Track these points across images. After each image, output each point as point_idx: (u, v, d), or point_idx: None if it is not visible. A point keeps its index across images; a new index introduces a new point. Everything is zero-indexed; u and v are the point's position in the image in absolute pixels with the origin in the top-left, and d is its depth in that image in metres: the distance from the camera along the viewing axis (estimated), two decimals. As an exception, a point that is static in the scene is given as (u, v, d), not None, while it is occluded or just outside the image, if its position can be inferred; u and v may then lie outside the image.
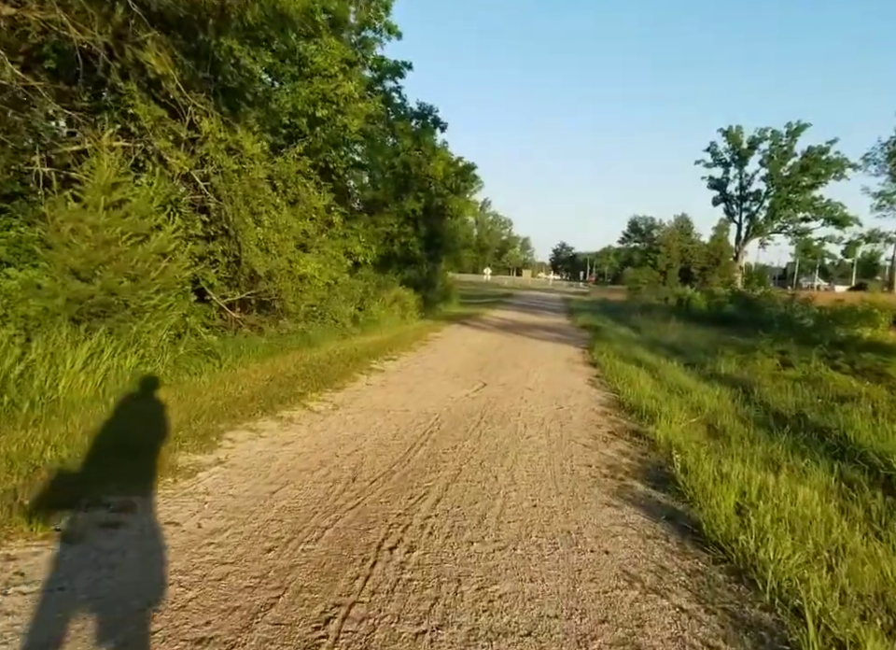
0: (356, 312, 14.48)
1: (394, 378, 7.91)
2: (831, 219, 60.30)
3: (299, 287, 10.50)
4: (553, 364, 10.06)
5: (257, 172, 8.57)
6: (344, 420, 5.58)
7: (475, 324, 17.01)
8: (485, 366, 9.37)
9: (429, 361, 9.56)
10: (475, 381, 8.05)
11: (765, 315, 18.20)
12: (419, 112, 21.56)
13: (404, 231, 20.33)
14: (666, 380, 8.79)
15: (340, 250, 14.72)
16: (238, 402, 5.85)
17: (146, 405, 5.42)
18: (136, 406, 5.34)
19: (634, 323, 18.92)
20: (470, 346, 11.92)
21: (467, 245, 33.94)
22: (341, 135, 13.61)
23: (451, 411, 6.26)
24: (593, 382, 8.58)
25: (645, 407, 6.66)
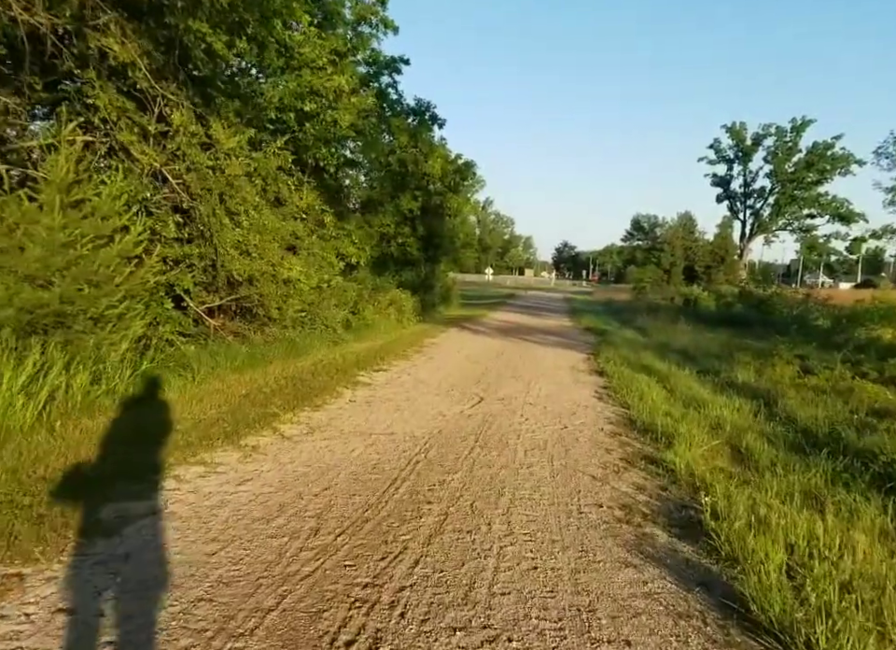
0: (348, 317, 13.80)
1: (381, 393, 7.20)
2: (837, 216, 59.45)
3: (283, 291, 9.81)
4: (556, 374, 9.35)
5: (233, 168, 7.87)
6: (318, 448, 4.87)
7: (474, 328, 16.30)
8: (483, 377, 8.66)
9: (422, 372, 8.86)
10: (471, 395, 7.34)
11: (778, 316, 17.45)
12: (416, 108, 20.86)
13: (401, 231, 19.66)
14: (680, 391, 8.08)
15: (331, 252, 14.07)
16: (200, 425, 5.16)
17: (88, 434, 4.73)
18: (75, 436, 4.63)
19: (640, 325, 18.20)
20: (468, 353, 11.21)
21: (467, 244, 33.22)
22: (331, 131, 12.92)
23: (442, 433, 5.55)
24: (600, 395, 7.86)
25: (660, 426, 5.94)
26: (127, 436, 4.63)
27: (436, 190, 21.90)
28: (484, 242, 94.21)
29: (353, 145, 14.99)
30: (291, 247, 12.41)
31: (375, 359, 9.64)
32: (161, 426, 5.02)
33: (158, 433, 4.80)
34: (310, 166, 14.26)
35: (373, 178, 21.29)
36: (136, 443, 4.50)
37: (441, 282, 24.55)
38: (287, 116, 11.84)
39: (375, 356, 9.92)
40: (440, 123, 21.52)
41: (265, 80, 12.56)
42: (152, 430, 4.86)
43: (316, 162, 13.30)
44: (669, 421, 6.17)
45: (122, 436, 4.63)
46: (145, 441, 4.57)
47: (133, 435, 4.67)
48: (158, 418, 5.27)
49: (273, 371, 8.11)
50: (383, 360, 9.62)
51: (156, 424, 5.07)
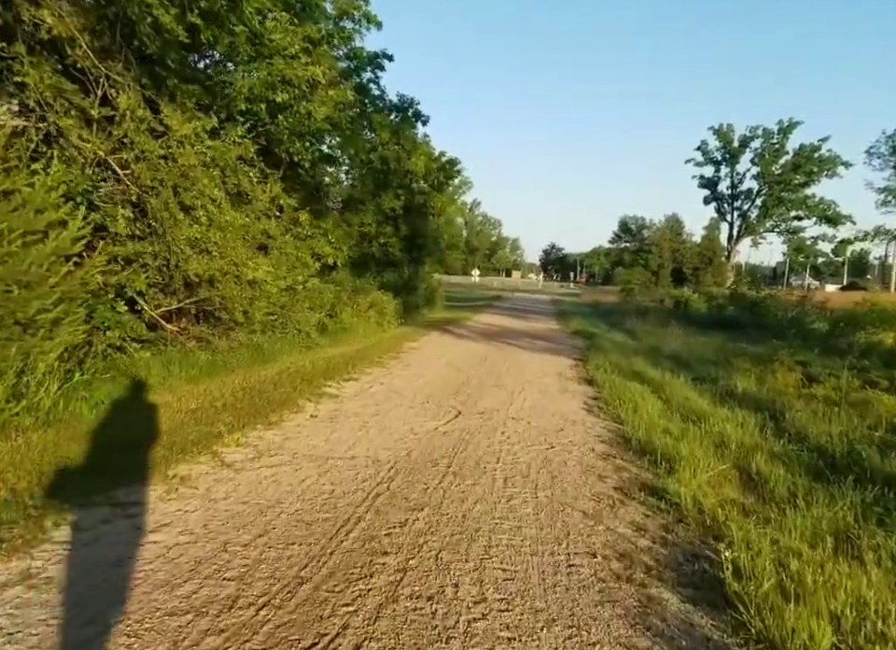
0: (325, 320, 13.06)
1: (348, 406, 6.47)
2: (824, 218, 59.65)
3: (249, 294, 9.05)
4: (542, 382, 8.66)
5: (187, 157, 7.10)
6: (261, 478, 4.13)
7: (458, 331, 15.59)
8: (463, 387, 7.95)
9: (397, 381, 8.13)
10: (448, 409, 6.63)
11: (772, 318, 16.91)
12: (399, 105, 20.14)
13: (383, 231, 18.94)
14: (676, 402, 7.42)
15: (306, 252, 13.32)
16: (125, 450, 4.40)
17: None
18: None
19: (629, 328, 17.59)
20: (449, 359, 10.49)
21: (453, 245, 32.54)
22: (305, 124, 12.19)
23: (410, 456, 4.84)
24: (590, 407, 7.17)
25: (658, 446, 5.27)
26: (31, 466, 3.87)
27: (419, 189, 21.22)
28: (472, 243, 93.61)
29: (331, 140, 14.25)
30: (263, 247, 11.68)
31: (348, 366, 8.90)
32: (78, 452, 4.26)
33: (72, 462, 4.05)
34: (284, 162, 13.51)
35: (354, 176, 20.60)
36: (40, 475, 3.74)
37: (426, 284, 23.84)
38: (258, 107, 11.10)
39: (348, 363, 9.18)
40: (423, 120, 20.82)
41: (235, 69, 11.81)
42: (67, 457, 4.10)
43: (291, 157, 12.57)
44: (668, 440, 5.50)
45: (27, 466, 3.87)
46: (51, 470, 3.81)
47: (39, 465, 3.91)
48: (77, 442, 4.51)
49: (233, 381, 7.37)
50: (355, 367, 8.89)
51: (73, 449, 4.31)
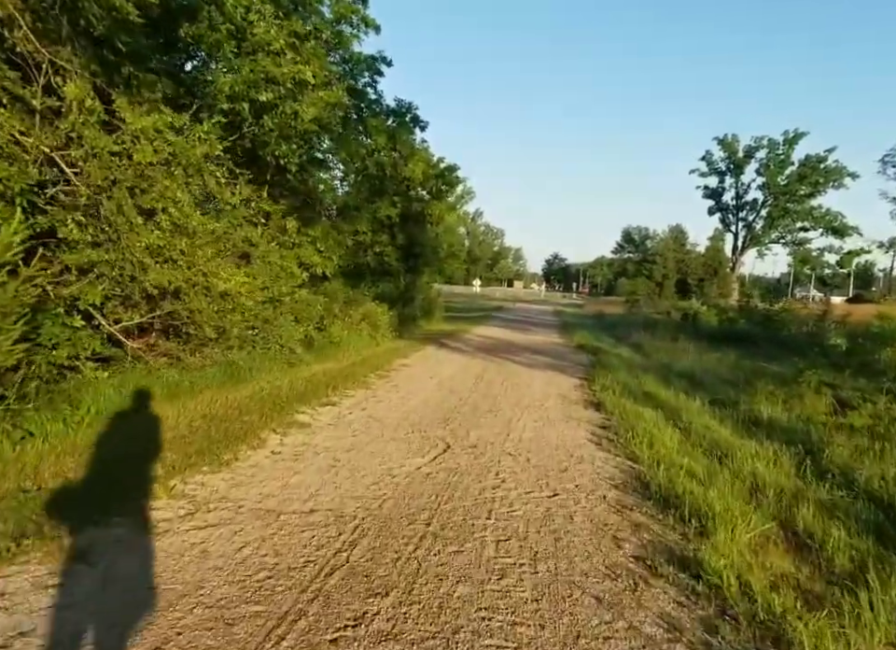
0: (312, 334, 12.21)
1: (320, 439, 5.59)
2: (830, 229, 58.88)
3: (220, 306, 8.22)
4: (543, 407, 7.77)
5: (143, 154, 6.28)
6: (186, 549, 3.25)
7: (455, 345, 14.72)
8: (454, 413, 7.07)
9: (381, 406, 7.25)
10: (434, 441, 5.75)
11: (788, 333, 16.01)
12: (396, 109, 19.43)
13: (378, 239, 18.17)
14: (696, 432, 6.54)
15: (292, 261, 12.51)
16: (23, 507, 3.54)
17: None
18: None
19: (636, 342, 16.70)
20: (442, 378, 9.61)
21: (453, 255, 31.72)
22: (291, 125, 11.42)
23: (383, 509, 3.96)
24: (598, 438, 6.28)
25: (683, 493, 4.39)
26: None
27: (417, 197, 20.47)
28: (474, 253, 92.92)
29: (320, 143, 13.48)
30: (245, 255, 10.89)
31: (328, 387, 8.03)
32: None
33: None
34: (271, 166, 12.76)
35: (349, 183, 19.85)
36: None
37: (424, 294, 23.03)
38: (241, 106, 10.34)
39: (330, 383, 8.32)
40: (422, 126, 20.12)
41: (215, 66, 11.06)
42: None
43: (277, 160, 11.80)
44: (694, 485, 4.62)
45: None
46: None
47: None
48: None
49: (195, 406, 6.51)
50: (336, 389, 8.01)
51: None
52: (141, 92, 6.59)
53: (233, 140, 11.72)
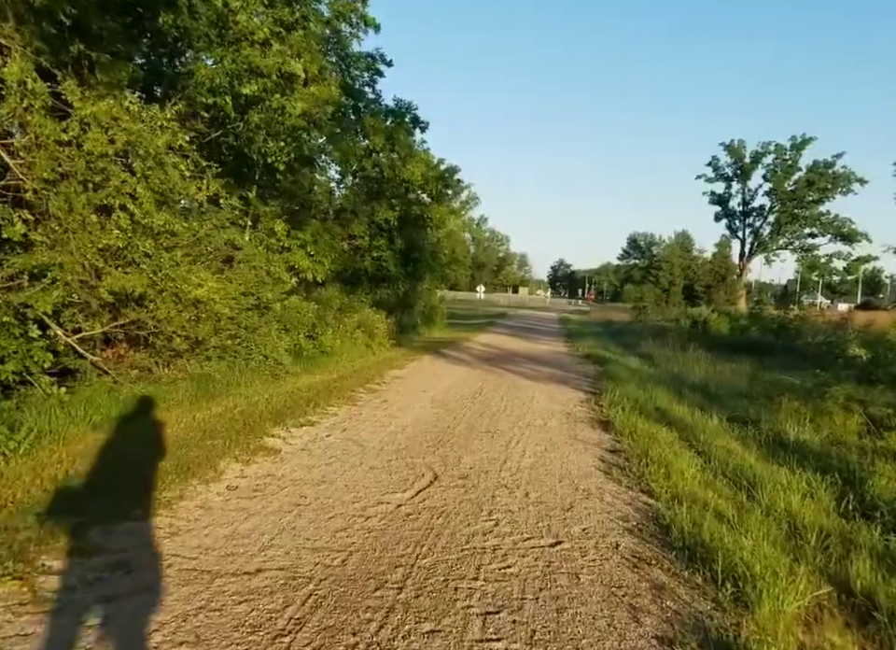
0: (302, 343, 11.52)
1: (288, 469, 4.86)
2: (839, 235, 57.94)
3: (192, 314, 7.52)
4: (546, 426, 7.03)
5: (95, 143, 5.60)
6: (79, 635, 2.54)
7: (455, 354, 13.99)
8: (446, 434, 6.33)
9: (365, 426, 6.52)
10: (421, 470, 5.01)
11: (804, 342, 15.21)
12: (395, 110, 18.81)
13: (376, 244, 17.49)
14: (717, 457, 5.79)
15: (280, 266, 11.85)
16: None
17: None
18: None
19: (645, 351, 15.93)
20: (437, 392, 8.87)
21: (455, 260, 31.00)
22: (278, 120, 10.79)
23: (346, 568, 3.22)
24: (607, 465, 5.52)
25: (711, 542, 3.65)
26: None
27: (416, 199, 19.79)
28: (479, 259, 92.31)
29: (310, 140, 12.82)
30: (228, 259, 10.22)
31: (310, 403, 7.31)
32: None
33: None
34: (259, 165, 12.13)
35: (346, 185, 19.22)
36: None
37: (425, 301, 22.30)
38: (223, 100, 9.71)
39: (313, 399, 7.60)
40: (422, 126, 19.52)
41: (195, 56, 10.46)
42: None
43: (264, 158, 11.16)
44: (723, 530, 3.87)
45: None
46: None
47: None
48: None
49: (155, 428, 5.79)
50: (319, 405, 7.29)
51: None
52: (95, 75, 5.90)
53: (217, 136, 11.12)
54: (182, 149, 6.73)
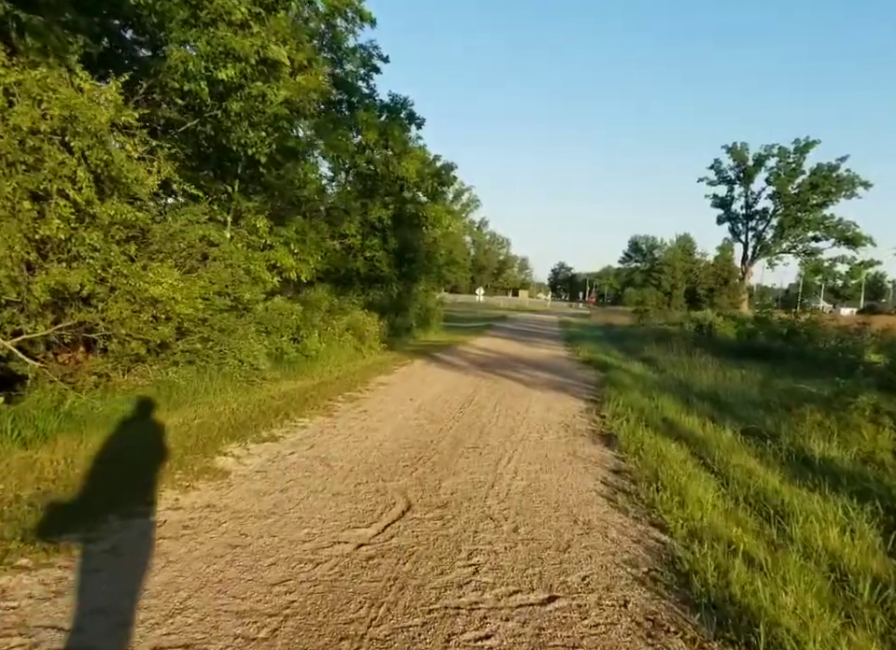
0: (284, 346, 10.80)
1: (232, 498, 4.11)
2: (843, 239, 57.28)
3: (149, 314, 6.79)
4: (542, 441, 6.28)
5: (20, 117, 4.88)
6: None
7: (448, 359, 13.24)
8: (428, 450, 5.59)
9: (337, 441, 5.77)
10: (392, 497, 4.26)
11: (816, 348, 14.46)
12: (390, 105, 18.14)
13: (369, 244, 16.76)
14: (737, 479, 5.05)
15: (261, 264, 11.14)
16: None
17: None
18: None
19: (648, 356, 15.17)
20: (424, 401, 8.14)
21: (453, 261, 30.25)
22: (258, 108, 10.09)
23: (272, 647, 2.49)
24: (611, 490, 4.77)
25: (742, 598, 2.91)
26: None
27: (411, 198, 19.10)
28: (479, 262, 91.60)
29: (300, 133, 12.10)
30: (203, 257, 9.50)
31: (280, 414, 6.57)
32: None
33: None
34: (242, 158, 11.41)
35: (338, 182, 18.53)
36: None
37: (420, 303, 21.56)
38: (198, 86, 9.01)
39: (283, 409, 6.86)
40: (417, 122, 18.85)
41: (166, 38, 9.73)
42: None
43: (245, 150, 10.45)
44: (757, 581, 3.13)
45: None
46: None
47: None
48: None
49: (93, 445, 5.05)
50: (289, 416, 6.55)
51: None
52: (25, 39, 5.18)
53: (194, 126, 10.41)
54: (130, 128, 5.97)
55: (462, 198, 66.79)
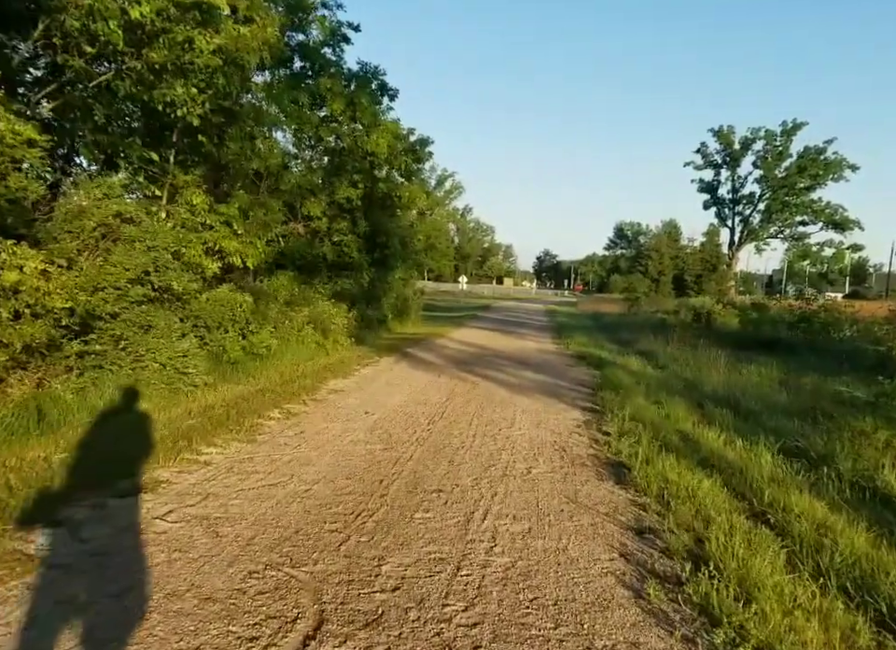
0: (227, 344, 9.14)
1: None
2: (830, 223, 56.40)
3: (7, 309, 5.09)
4: (531, 476, 4.70)
5: None
6: None
7: (422, 356, 11.63)
8: (371, 500, 3.96)
9: (245, 486, 4.13)
10: (297, 601, 2.64)
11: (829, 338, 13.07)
12: (358, 74, 16.30)
13: (337, 227, 15.03)
14: (802, 535, 3.52)
15: (197, 247, 9.46)
16: None
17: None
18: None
19: (645, 349, 13.67)
20: (383, 415, 6.52)
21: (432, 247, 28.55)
22: (184, 59, 8.37)
23: None
24: (638, 576, 3.15)
25: None
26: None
27: (386, 177, 17.35)
28: (463, 250, 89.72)
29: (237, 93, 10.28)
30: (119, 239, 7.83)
31: (181, 440, 4.91)
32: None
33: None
34: (178, 124, 9.66)
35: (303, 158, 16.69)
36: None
37: (397, 292, 19.88)
38: (104, 27, 7.27)
39: (191, 432, 5.20)
40: (390, 94, 17.05)
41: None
42: None
43: (174, 110, 8.69)
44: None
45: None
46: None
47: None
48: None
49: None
50: (190, 445, 4.88)
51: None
52: None
53: (108, 79, 8.66)
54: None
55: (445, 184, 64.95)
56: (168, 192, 10.06)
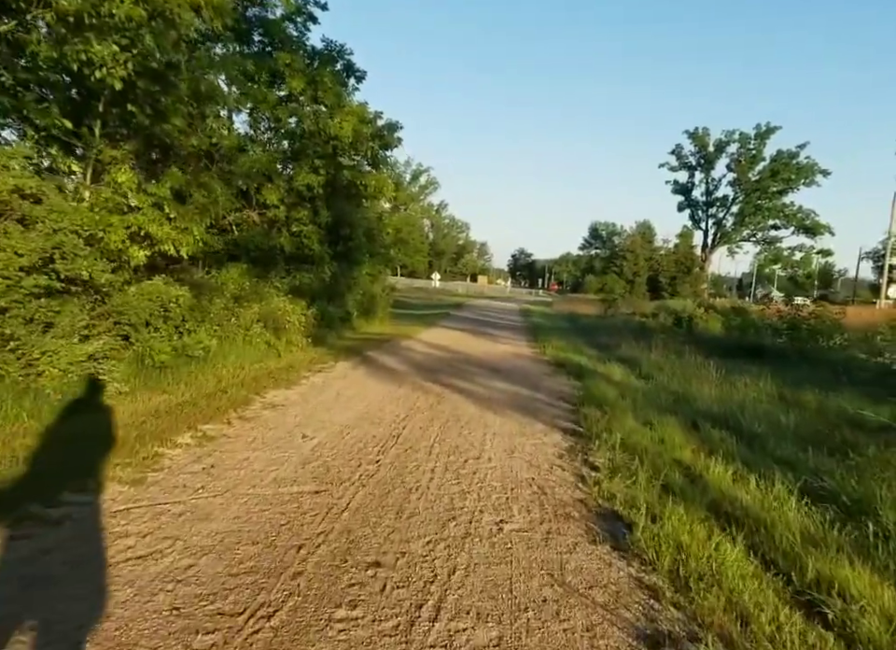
0: (154, 344, 7.88)
1: None
2: (802, 228, 56.85)
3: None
4: (501, 536, 3.58)
5: None
6: None
7: (384, 360, 10.45)
8: (279, 585, 2.80)
9: (104, 560, 2.94)
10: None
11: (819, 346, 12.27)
12: (322, 51, 15.00)
13: (296, 216, 13.75)
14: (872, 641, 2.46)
15: (120, 231, 8.17)
16: None
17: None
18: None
19: (627, 355, 12.69)
20: (324, 439, 5.33)
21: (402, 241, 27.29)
22: (100, 12, 7.11)
23: None
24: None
25: None
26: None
27: (352, 165, 16.05)
28: (438, 247, 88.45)
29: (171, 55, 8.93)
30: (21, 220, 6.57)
31: (36, 482, 3.69)
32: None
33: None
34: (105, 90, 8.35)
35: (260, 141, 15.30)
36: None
37: (363, 288, 18.61)
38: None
39: (56, 470, 3.97)
40: (357, 75, 15.80)
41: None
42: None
43: (92, 71, 7.37)
44: None
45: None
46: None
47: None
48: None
49: None
50: (62, 487, 3.66)
51: None
52: None
53: (8, 30, 7.35)
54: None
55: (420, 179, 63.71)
56: (94, 169, 8.72)
